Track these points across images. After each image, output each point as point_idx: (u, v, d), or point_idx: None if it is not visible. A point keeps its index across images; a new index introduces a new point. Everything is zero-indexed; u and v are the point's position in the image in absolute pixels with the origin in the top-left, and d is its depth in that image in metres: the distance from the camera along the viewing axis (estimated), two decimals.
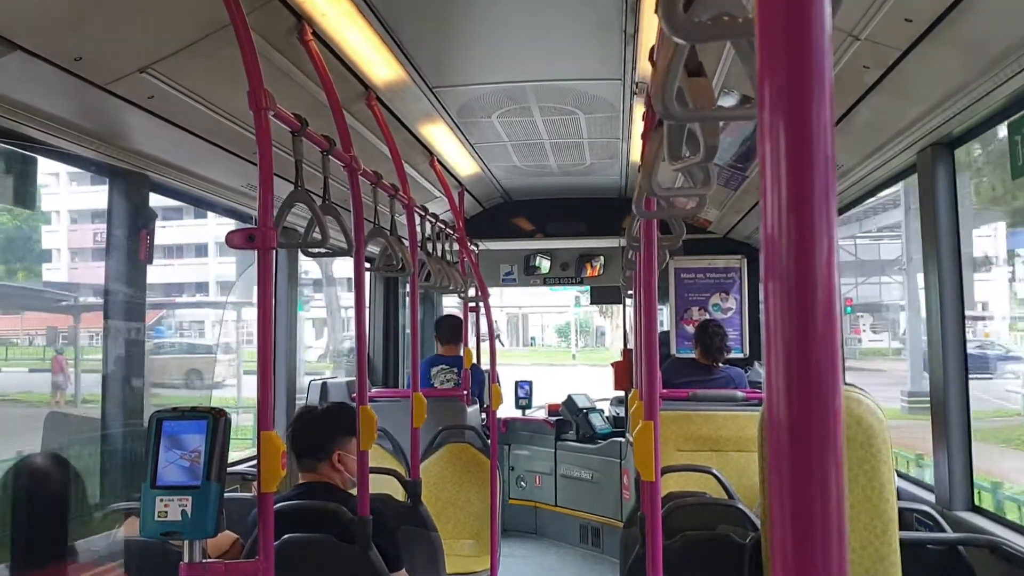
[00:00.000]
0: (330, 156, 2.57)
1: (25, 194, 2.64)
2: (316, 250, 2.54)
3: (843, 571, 0.43)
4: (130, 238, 3.08)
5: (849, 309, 29.06)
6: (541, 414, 7.10)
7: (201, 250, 34.09)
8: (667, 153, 1.41)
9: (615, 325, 33.26)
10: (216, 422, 1.79)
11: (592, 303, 8.04)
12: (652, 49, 1.84)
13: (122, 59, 2.35)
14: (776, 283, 0.50)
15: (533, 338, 47.57)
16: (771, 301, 0.50)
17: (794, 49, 0.50)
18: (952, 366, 2.97)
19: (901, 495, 3.08)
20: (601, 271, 7.04)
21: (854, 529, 2.12)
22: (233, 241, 1.94)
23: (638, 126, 3.91)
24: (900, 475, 3.42)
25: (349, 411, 2.76)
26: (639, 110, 3.75)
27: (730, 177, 4.56)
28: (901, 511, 2.28)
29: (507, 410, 6.79)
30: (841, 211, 4.48)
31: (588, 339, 46.64)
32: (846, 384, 2.27)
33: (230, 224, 4.06)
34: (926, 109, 2.68)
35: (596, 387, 7.32)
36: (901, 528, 2.20)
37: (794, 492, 0.45)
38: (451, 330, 5.94)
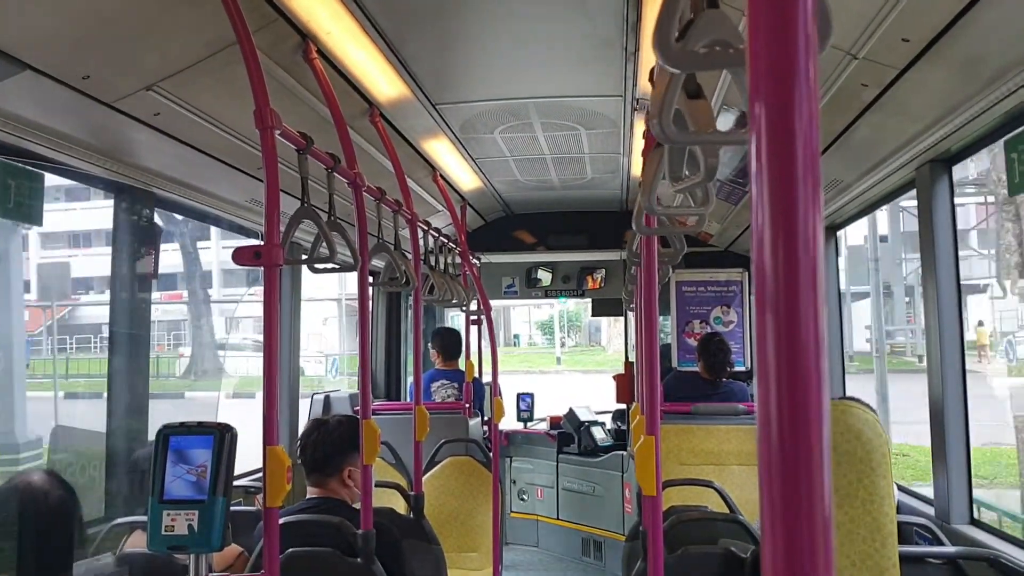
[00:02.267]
0: (335, 173, 2.60)
1: (32, 210, 2.66)
2: (322, 266, 2.57)
3: None
4: (135, 253, 3.11)
5: None
6: (543, 427, 7.10)
7: None
8: (668, 174, 1.43)
9: (613, 319, 29.59)
10: (223, 437, 1.81)
11: (594, 315, 8.04)
12: (652, 69, 1.87)
13: (129, 77, 2.38)
14: (765, 306, 0.52)
15: (516, 336, 39.62)
16: (760, 323, 0.52)
17: (782, 78, 0.52)
18: (951, 382, 2.99)
19: (901, 509, 3.09)
20: (603, 283, 7.06)
21: (853, 543, 2.13)
22: (239, 258, 1.96)
23: (639, 141, 3.95)
24: (900, 489, 3.43)
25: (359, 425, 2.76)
26: (640, 126, 3.79)
27: (731, 191, 4.59)
28: (901, 525, 2.30)
29: (509, 423, 6.80)
30: (840, 226, 4.51)
31: (580, 336, 39.17)
32: (846, 399, 2.29)
33: None
34: (924, 127, 2.71)
35: (587, 403, 7.22)
36: (901, 542, 2.21)
37: (785, 511, 0.47)
38: (449, 345, 5.95)
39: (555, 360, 32.14)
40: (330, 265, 2.50)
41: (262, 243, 1.97)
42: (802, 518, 0.46)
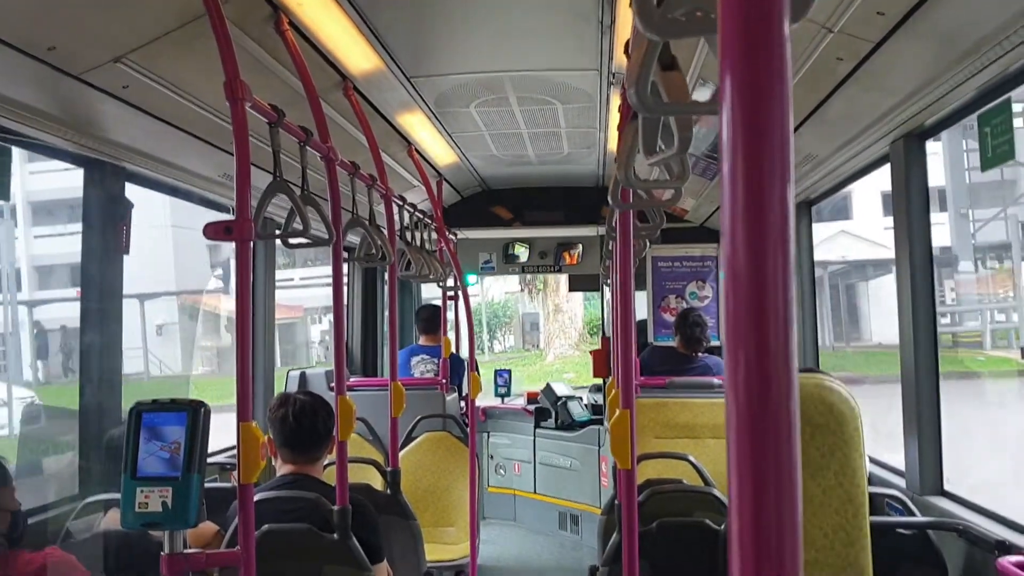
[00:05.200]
0: (307, 146, 2.57)
1: None
2: (296, 240, 2.54)
3: (796, 558, 0.45)
4: (106, 229, 3.06)
5: None
6: (520, 402, 7.12)
7: None
8: (642, 147, 1.42)
9: (554, 307, 20.44)
10: (196, 414, 1.79)
11: (571, 290, 8.03)
12: (628, 42, 1.86)
13: (97, 48, 2.33)
14: (733, 275, 0.51)
15: None
16: (729, 294, 0.51)
17: (753, 44, 0.52)
18: (923, 355, 3.02)
19: (872, 480, 3.14)
20: (580, 259, 7.07)
21: (826, 514, 2.16)
22: (210, 233, 1.94)
23: (615, 116, 3.93)
24: (871, 461, 3.47)
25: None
26: (615, 100, 3.77)
27: (706, 167, 4.59)
28: (872, 496, 2.33)
29: (486, 398, 6.81)
30: (814, 201, 4.52)
31: (514, 336, 26.01)
32: (817, 371, 2.31)
33: None
34: (898, 100, 2.71)
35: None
36: (872, 513, 2.24)
37: (754, 485, 0.47)
38: (432, 320, 5.94)
39: None
40: (303, 239, 2.48)
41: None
42: (769, 488, 0.46)
